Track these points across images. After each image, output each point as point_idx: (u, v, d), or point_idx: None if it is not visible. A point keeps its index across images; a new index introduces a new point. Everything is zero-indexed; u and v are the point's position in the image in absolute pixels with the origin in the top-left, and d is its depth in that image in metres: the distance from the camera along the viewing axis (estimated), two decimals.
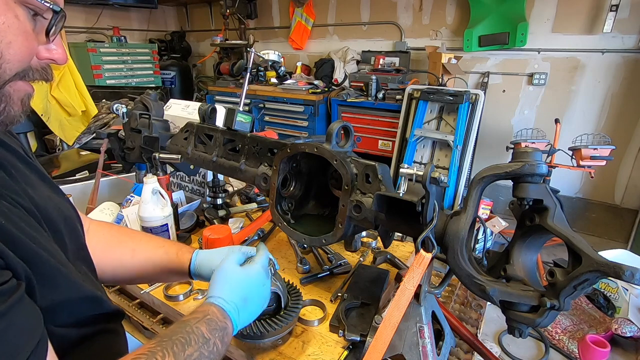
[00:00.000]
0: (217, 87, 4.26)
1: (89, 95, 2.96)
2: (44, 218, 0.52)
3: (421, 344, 0.71)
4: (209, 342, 0.54)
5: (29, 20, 0.47)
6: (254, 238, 1.25)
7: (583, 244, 0.55)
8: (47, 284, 0.48)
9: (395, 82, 3.44)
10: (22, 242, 0.45)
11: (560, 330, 2.12)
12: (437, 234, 0.68)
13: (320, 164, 0.86)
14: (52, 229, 0.53)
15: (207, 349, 0.54)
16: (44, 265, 0.47)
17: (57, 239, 0.54)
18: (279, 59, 2.60)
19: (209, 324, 0.56)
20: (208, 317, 0.58)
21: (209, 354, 0.54)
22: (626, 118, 2.97)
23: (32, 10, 0.47)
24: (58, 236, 0.54)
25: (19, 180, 0.52)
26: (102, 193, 1.42)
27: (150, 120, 1.18)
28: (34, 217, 0.50)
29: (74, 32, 4.43)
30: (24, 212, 0.48)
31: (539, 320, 0.59)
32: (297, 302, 0.82)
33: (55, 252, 0.51)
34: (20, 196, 0.49)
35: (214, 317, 0.58)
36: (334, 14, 4.17)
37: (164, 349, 0.49)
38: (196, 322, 0.56)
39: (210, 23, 5.36)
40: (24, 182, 0.53)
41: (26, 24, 0.47)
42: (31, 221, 0.49)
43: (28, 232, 0.47)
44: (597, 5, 2.85)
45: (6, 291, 0.40)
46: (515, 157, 0.61)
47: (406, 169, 0.73)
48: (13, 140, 0.61)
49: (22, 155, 0.59)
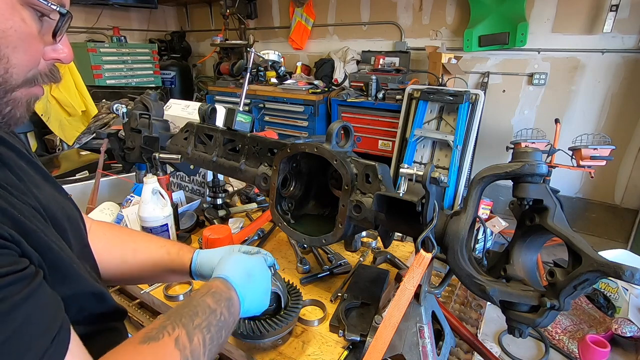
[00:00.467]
0: (217, 87, 4.26)
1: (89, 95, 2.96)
2: (49, 217, 0.52)
3: (421, 344, 0.71)
4: (215, 312, 0.57)
5: (35, 22, 0.47)
6: (254, 238, 1.25)
7: (583, 244, 0.55)
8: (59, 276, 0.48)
9: (395, 82, 3.44)
10: (35, 233, 0.45)
11: (560, 330, 2.12)
12: (437, 234, 0.68)
13: (320, 164, 0.86)
14: (58, 228, 0.54)
15: (215, 319, 0.56)
16: (55, 258, 0.48)
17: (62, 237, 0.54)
18: (279, 59, 2.60)
19: (213, 296, 0.59)
20: (212, 290, 0.61)
21: (217, 322, 0.56)
22: (626, 118, 2.97)
23: (38, 12, 0.47)
24: (63, 234, 0.55)
25: (24, 179, 0.52)
26: (102, 193, 1.42)
27: (150, 120, 1.18)
28: (40, 215, 0.50)
29: (74, 32, 4.43)
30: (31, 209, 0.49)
31: (539, 320, 0.59)
32: (297, 302, 0.82)
33: (64, 247, 0.52)
34: (26, 195, 0.49)
35: (217, 290, 0.61)
36: (334, 14, 4.17)
37: (173, 322, 0.52)
38: (201, 295, 0.59)
39: (210, 23, 5.36)
40: (29, 181, 0.53)
41: (32, 27, 0.46)
42: (39, 217, 0.49)
43: (38, 225, 0.47)
44: (597, 5, 2.85)
45: (27, 275, 0.41)
46: (515, 157, 0.61)
47: (406, 169, 0.73)
48: (15, 139, 0.61)
49: (25, 154, 0.59)
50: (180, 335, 0.51)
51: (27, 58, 0.47)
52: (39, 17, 0.47)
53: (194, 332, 0.53)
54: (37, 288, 0.42)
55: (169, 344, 0.50)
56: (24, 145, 0.62)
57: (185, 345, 0.51)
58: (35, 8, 0.46)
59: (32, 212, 0.48)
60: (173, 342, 0.50)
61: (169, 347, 0.50)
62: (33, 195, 0.51)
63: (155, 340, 0.49)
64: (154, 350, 0.49)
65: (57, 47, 0.51)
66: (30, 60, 0.48)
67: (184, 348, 0.50)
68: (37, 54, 0.49)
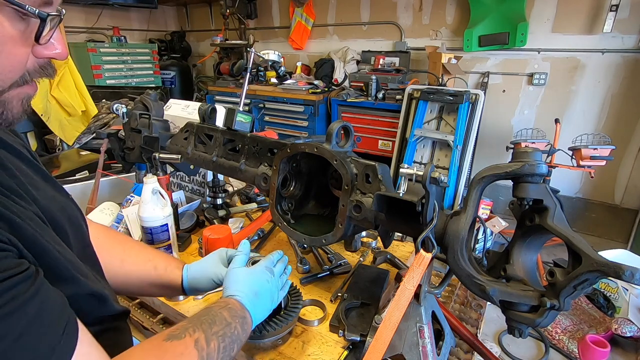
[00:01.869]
0: (217, 87, 4.26)
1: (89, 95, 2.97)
2: (48, 218, 0.52)
3: (421, 344, 0.71)
4: (230, 325, 0.60)
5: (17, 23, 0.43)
6: (254, 238, 1.25)
7: (583, 244, 0.55)
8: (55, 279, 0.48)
9: (395, 82, 3.44)
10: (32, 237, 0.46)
11: (560, 330, 2.12)
12: (437, 234, 0.68)
13: (320, 164, 0.86)
14: (57, 229, 0.53)
15: (230, 331, 0.60)
16: (51, 261, 0.48)
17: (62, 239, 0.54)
18: (279, 59, 2.60)
19: (230, 311, 0.63)
20: (229, 305, 0.64)
21: (231, 334, 0.60)
22: (626, 118, 2.97)
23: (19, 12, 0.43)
24: (63, 236, 0.55)
25: (23, 181, 0.52)
26: (102, 193, 1.42)
27: (150, 120, 1.18)
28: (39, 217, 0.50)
29: (74, 32, 4.43)
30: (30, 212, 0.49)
31: (539, 320, 0.59)
32: (297, 302, 0.82)
33: (62, 250, 0.51)
34: (25, 198, 0.49)
35: (233, 307, 0.64)
36: (334, 14, 4.17)
37: (194, 325, 0.56)
38: (219, 308, 0.62)
39: (210, 23, 5.36)
40: (28, 183, 0.53)
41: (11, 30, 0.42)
42: (37, 220, 0.49)
43: (36, 228, 0.47)
44: (597, 5, 2.85)
45: (31, 274, 0.42)
46: (515, 157, 0.61)
47: (406, 169, 0.73)
48: (17, 140, 0.61)
49: (25, 156, 0.59)
50: (199, 337, 0.55)
51: (10, 63, 0.44)
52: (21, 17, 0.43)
53: (212, 337, 0.56)
54: (41, 286, 0.43)
55: (189, 343, 0.54)
56: (25, 146, 0.62)
57: (203, 347, 0.54)
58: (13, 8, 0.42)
59: (30, 215, 0.48)
60: (193, 343, 0.54)
61: (189, 346, 0.53)
62: (32, 197, 0.51)
63: (177, 339, 0.53)
64: (175, 347, 0.53)
65: (50, 44, 0.48)
66: (14, 64, 0.45)
67: (202, 349, 0.54)
68: (22, 57, 0.45)
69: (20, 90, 0.48)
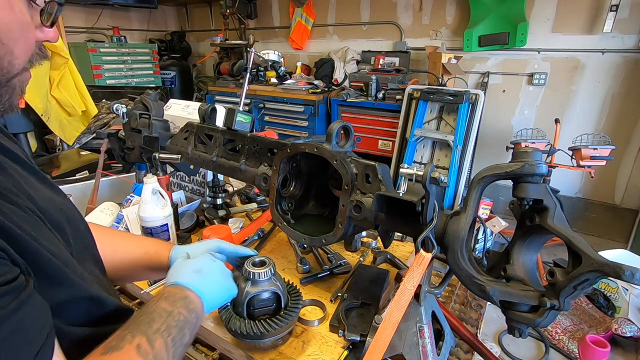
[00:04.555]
0: (217, 87, 4.26)
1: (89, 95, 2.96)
2: (47, 219, 0.52)
3: (421, 344, 0.71)
4: (172, 313, 0.58)
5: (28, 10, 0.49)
6: (254, 238, 1.25)
7: (583, 244, 0.55)
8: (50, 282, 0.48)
9: (395, 82, 3.44)
10: (23, 240, 0.45)
11: (560, 330, 2.12)
12: (437, 234, 0.68)
13: (320, 164, 0.86)
14: (56, 229, 0.53)
15: (174, 320, 0.57)
16: (45, 264, 0.47)
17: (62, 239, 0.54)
18: (279, 59, 2.60)
19: (167, 299, 0.60)
20: (165, 294, 0.62)
21: (176, 323, 0.57)
22: (626, 118, 2.97)
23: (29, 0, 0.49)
24: (62, 236, 0.54)
25: (19, 181, 0.52)
26: (102, 193, 1.42)
27: (150, 120, 1.18)
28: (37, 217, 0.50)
29: (74, 32, 4.42)
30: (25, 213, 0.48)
31: (539, 320, 0.59)
32: (297, 302, 0.82)
33: (58, 252, 0.51)
34: (20, 197, 0.49)
35: (170, 293, 0.62)
36: (334, 14, 4.17)
37: (132, 331, 0.52)
38: (155, 302, 0.60)
39: (210, 23, 5.36)
40: (25, 183, 0.53)
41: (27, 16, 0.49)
42: (33, 221, 0.49)
43: (29, 231, 0.46)
44: (597, 5, 2.85)
45: (17, 287, 0.41)
46: (515, 157, 0.61)
47: (406, 169, 0.73)
48: (13, 144, 0.60)
49: (22, 159, 0.58)
50: (141, 342, 0.51)
51: (26, 47, 0.50)
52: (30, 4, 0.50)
53: (154, 337, 0.53)
54: (26, 300, 0.42)
55: (130, 352, 0.50)
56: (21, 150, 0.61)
57: (147, 351, 0.51)
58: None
59: (25, 215, 0.47)
60: (135, 350, 0.50)
61: (131, 355, 0.49)
62: (28, 196, 0.51)
63: (116, 350, 0.49)
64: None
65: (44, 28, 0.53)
66: (29, 47, 0.51)
67: (146, 354, 0.51)
68: (33, 40, 0.52)
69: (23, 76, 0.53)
